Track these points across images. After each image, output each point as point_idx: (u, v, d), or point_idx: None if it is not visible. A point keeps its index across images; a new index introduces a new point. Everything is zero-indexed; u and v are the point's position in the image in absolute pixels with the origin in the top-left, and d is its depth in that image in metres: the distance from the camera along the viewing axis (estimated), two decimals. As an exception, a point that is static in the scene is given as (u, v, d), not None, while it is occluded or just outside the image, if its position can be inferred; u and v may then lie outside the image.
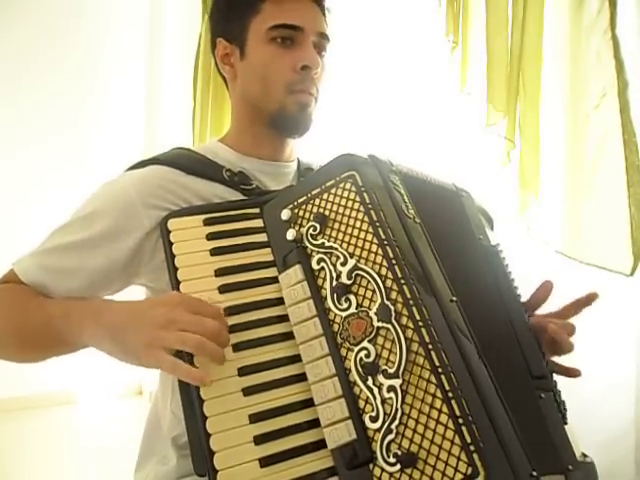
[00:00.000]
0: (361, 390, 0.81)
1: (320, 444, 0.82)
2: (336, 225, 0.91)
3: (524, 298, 1.10)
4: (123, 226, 1.05)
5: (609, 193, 1.61)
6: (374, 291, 0.84)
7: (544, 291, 1.11)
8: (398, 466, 0.75)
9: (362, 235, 0.88)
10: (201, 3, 2.40)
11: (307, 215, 0.94)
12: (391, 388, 0.78)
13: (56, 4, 2.21)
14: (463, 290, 0.91)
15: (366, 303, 0.84)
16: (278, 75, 1.13)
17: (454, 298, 0.87)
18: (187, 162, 1.13)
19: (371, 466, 0.77)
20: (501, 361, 0.91)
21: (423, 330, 0.80)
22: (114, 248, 1.05)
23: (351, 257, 0.88)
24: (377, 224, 0.88)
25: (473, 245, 1.07)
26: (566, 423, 0.97)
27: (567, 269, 1.68)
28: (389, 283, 0.84)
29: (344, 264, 0.88)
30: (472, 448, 0.72)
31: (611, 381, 1.66)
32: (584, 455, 0.96)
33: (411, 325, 0.80)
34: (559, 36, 1.74)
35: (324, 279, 0.89)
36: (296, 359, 0.88)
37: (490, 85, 1.78)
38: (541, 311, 1.12)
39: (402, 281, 0.83)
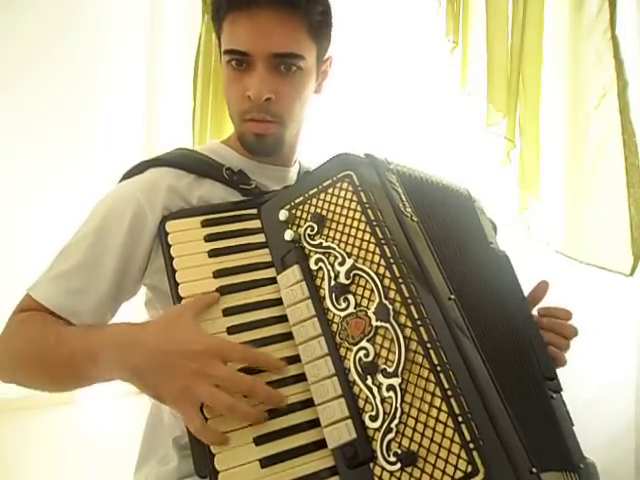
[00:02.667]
0: (360, 389, 0.81)
1: (320, 444, 0.82)
2: (333, 225, 0.91)
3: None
4: (135, 231, 1.04)
5: (609, 193, 1.61)
6: (372, 290, 0.84)
7: (539, 292, 1.12)
8: (398, 465, 0.75)
9: (360, 234, 0.88)
10: (201, 3, 2.40)
11: (304, 215, 0.94)
12: (390, 387, 0.78)
13: (55, 4, 2.21)
14: (469, 290, 0.92)
15: (364, 302, 0.84)
16: (233, 102, 1.11)
17: (452, 296, 0.87)
18: (187, 161, 1.13)
19: (372, 465, 0.77)
20: (515, 362, 0.92)
21: (422, 329, 0.80)
22: (129, 255, 1.05)
23: (349, 257, 0.88)
24: (374, 223, 0.88)
25: (485, 249, 1.09)
26: (572, 424, 0.98)
27: (567, 269, 1.68)
28: (387, 282, 0.84)
29: (342, 264, 0.88)
30: (472, 446, 0.72)
31: (611, 381, 1.66)
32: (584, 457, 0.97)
33: (409, 324, 0.80)
34: (559, 36, 1.74)
35: (322, 279, 0.89)
36: (295, 359, 0.87)
37: (490, 85, 1.78)
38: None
39: (400, 280, 0.83)
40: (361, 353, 0.82)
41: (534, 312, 1.11)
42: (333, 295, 0.87)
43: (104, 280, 1.03)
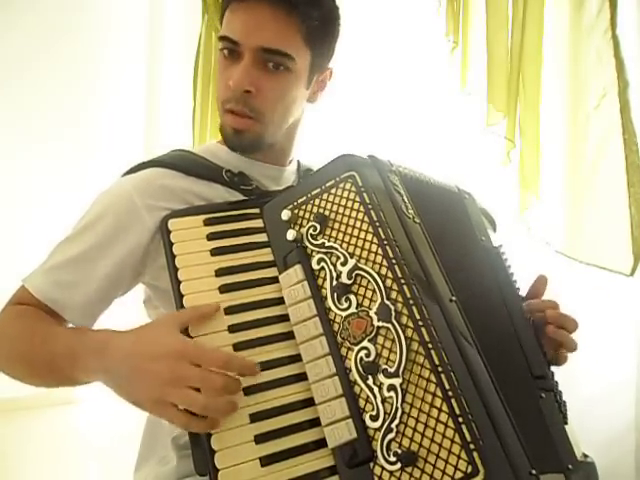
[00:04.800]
0: (361, 389, 0.81)
1: (320, 443, 0.82)
2: (336, 225, 0.91)
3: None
4: (128, 229, 1.06)
5: (609, 193, 1.61)
6: (374, 291, 0.84)
7: (539, 286, 1.11)
8: (398, 465, 0.75)
9: (362, 235, 0.88)
10: (201, 3, 2.40)
11: (307, 215, 0.95)
12: (391, 387, 0.79)
13: (55, 4, 2.21)
14: (464, 290, 0.92)
15: (366, 303, 0.84)
16: (219, 89, 1.12)
17: (454, 298, 0.87)
18: (186, 164, 1.13)
19: (372, 465, 0.77)
20: (502, 361, 0.92)
21: (423, 329, 0.80)
22: (122, 251, 1.06)
23: (351, 257, 0.88)
24: (377, 224, 0.88)
25: (475, 246, 1.07)
26: (566, 423, 0.97)
27: (567, 269, 1.68)
28: (389, 283, 0.84)
29: (344, 264, 0.88)
30: (472, 446, 0.72)
31: (611, 381, 1.66)
32: (585, 455, 0.96)
33: (411, 324, 0.81)
34: (559, 36, 1.74)
35: (324, 279, 0.89)
36: (296, 358, 0.88)
37: (490, 85, 1.78)
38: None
39: (402, 281, 0.83)
40: (362, 353, 0.82)
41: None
42: (335, 295, 0.87)
43: (95, 276, 1.04)
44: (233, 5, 1.08)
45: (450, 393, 0.76)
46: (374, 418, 0.79)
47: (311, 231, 0.93)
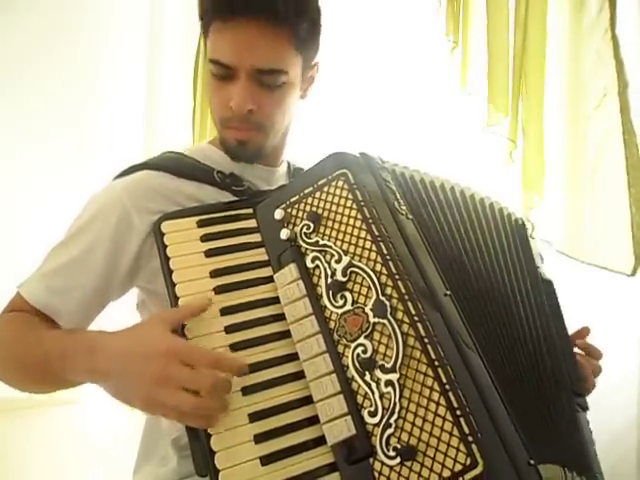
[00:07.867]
0: (359, 386, 0.81)
1: (320, 441, 0.82)
2: (329, 223, 0.91)
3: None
4: (120, 232, 1.05)
5: (610, 193, 1.61)
6: (369, 287, 0.84)
7: (580, 336, 1.15)
8: (398, 459, 0.75)
9: (356, 232, 0.89)
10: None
11: (300, 214, 0.95)
12: (389, 382, 0.79)
13: (56, 5, 2.21)
14: (468, 288, 0.93)
15: (361, 299, 0.84)
16: (215, 108, 1.12)
17: (448, 292, 0.87)
18: (177, 165, 1.13)
19: (371, 460, 0.77)
20: (527, 360, 0.94)
21: (419, 324, 0.80)
22: (115, 255, 1.06)
23: (345, 254, 0.88)
24: (370, 221, 0.88)
25: (531, 269, 1.10)
26: (593, 444, 0.99)
27: (569, 269, 1.68)
28: (384, 279, 0.84)
29: (338, 261, 0.88)
30: (470, 439, 0.73)
31: (613, 381, 1.66)
32: None
33: (407, 320, 0.81)
34: (560, 36, 1.74)
35: (319, 277, 0.89)
36: (293, 357, 0.88)
37: (490, 85, 1.78)
38: None
39: (397, 276, 0.83)
40: (359, 349, 0.82)
41: None
42: (330, 293, 0.87)
43: (88, 280, 1.05)
44: (217, 24, 1.05)
45: (447, 387, 0.76)
46: (372, 414, 0.79)
47: (305, 230, 0.93)
